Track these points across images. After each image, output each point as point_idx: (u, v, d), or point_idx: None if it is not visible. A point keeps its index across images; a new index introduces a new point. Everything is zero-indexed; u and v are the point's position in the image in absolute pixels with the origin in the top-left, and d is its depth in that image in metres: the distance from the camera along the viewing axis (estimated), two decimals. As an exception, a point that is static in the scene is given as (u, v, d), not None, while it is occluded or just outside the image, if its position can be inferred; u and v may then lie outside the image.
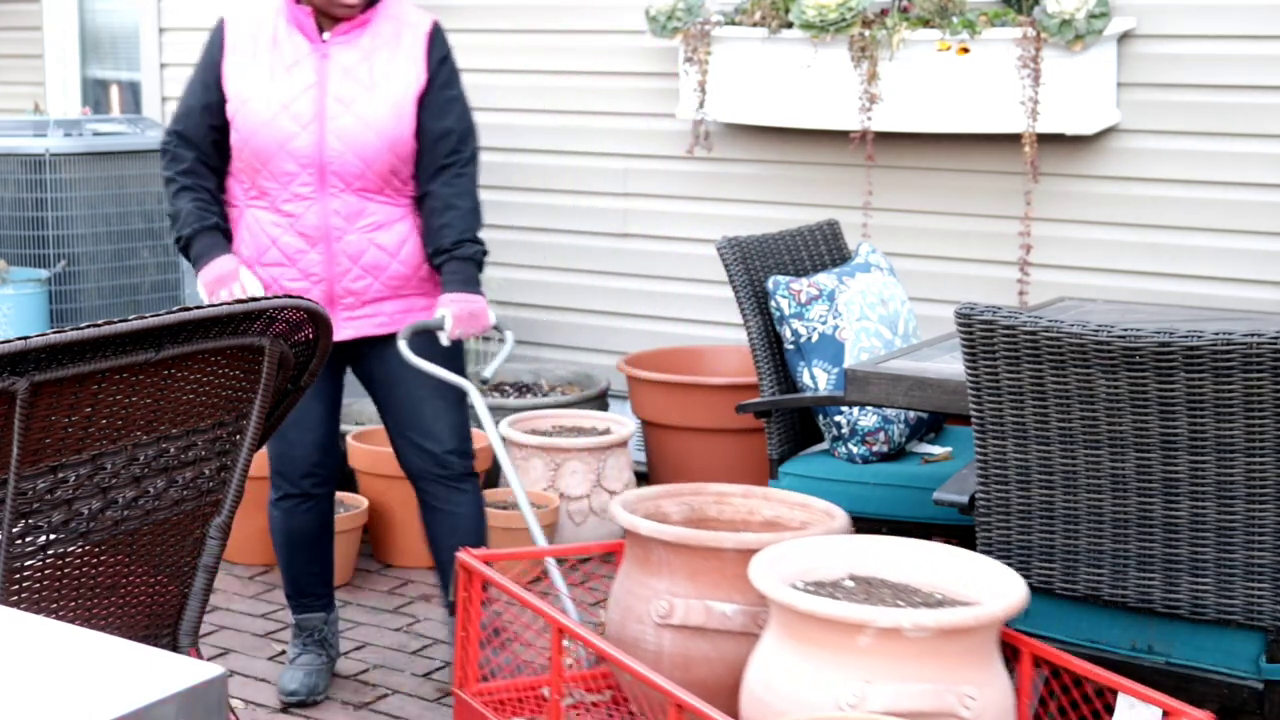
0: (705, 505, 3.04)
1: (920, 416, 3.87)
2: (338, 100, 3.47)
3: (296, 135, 3.46)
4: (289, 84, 3.48)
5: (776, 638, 2.41)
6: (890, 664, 2.28)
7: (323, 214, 3.49)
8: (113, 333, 2.11)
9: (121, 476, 2.29)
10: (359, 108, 3.47)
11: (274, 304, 2.35)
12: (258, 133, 3.48)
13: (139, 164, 5.92)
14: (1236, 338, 2.51)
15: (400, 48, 3.51)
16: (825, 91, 4.88)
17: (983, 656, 2.36)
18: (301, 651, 3.77)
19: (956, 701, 2.29)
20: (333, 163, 3.47)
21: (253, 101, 3.49)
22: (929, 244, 5.01)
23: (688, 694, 2.30)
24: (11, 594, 2.21)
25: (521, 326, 5.81)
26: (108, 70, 7.43)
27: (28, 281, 5.60)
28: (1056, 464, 2.71)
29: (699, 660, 2.63)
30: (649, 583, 2.69)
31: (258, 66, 3.51)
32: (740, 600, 2.62)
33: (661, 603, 2.66)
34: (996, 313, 2.70)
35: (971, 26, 4.66)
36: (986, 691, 2.34)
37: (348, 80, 3.48)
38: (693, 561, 2.64)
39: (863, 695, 2.26)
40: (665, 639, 2.65)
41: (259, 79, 3.50)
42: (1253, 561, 2.59)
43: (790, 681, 2.34)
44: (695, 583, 2.65)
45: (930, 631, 2.27)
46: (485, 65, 5.84)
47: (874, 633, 2.26)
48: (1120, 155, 4.70)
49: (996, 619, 2.35)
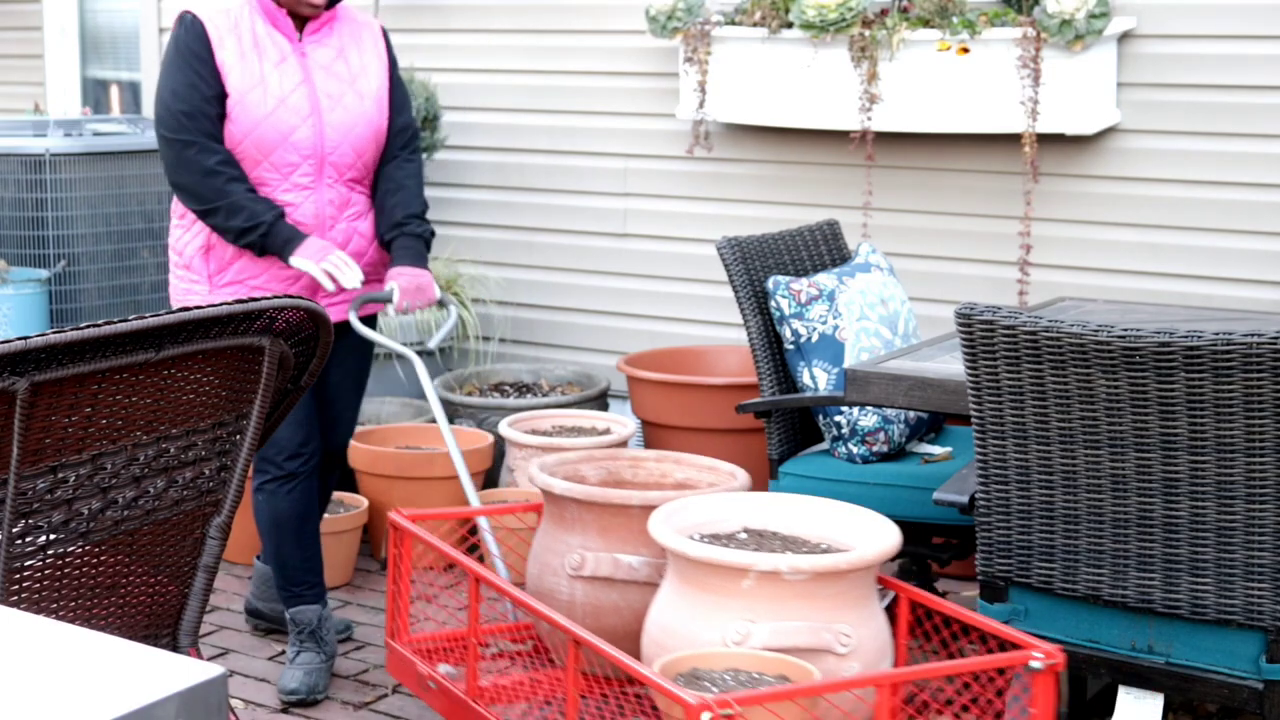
0: (621, 469, 3.24)
1: (920, 416, 3.87)
2: (327, 95, 3.65)
3: (298, 128, 3.60)
4: (281, 80, 3.61)
5: (672, 584, 2.61)
6: (771, 605, 2.49)
7: (319, 203, 3.66)
8: (113, 333, 2.11)
9: (121, 476, 2.29)
10: (347, 102, 3.66)
11: (274, 304, 2.36)
12: (260, 125, 3.58)
13: (139, 164, 5.91)
14: (1236, 338, 2.51)
15: (364, 46, 3.74)
16: (825, 91, 4.88)
17: (857, 598, 2.55)
18: (300, 650, 3.78)
19: (833, 639, 2.49)
20: (331, 154, 3.65)
21: (252, 94, 3.58)
22: (929, 244, 5.01)
23: (584, 631, 2.51)
24: (11, 594, 2.21)
25: (521, 326, 5.81)
26: (108, 70, 7.43)
27: (28, 281, 5.60)
28: (1056, 464, 2.71)
29: (608, 609, 2.83)
30: (564, 538, 2.90)
31: (249, 62, 3.60)
32: (646, 553, 2.83)
33: (574, 556, 2.87)
34: (996, 313, 2.70)
35: (971, 26, 4.66)
36: (861, 630, 2.53)
37: (329, 77, 3.66)
38: (603, 518, 2.86)
39: (747, 633, 2.48)
40: (578, 590, 2.86)
41: (255, 74, 3.59)
42: (1253, 561, 2.59)
43: (684, 622, 2.55)
44: (605, 538, 2.86)
45: (807, 574, 2.48)
46: (485, 65, 5.84)
47: (756, 576, 2.48)
48: (1120, 155, 4.70)
49: (868, 563, 2.54)
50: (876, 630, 2.59)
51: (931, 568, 3.82)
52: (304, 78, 3.63)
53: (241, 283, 3.67)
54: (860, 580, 2.55)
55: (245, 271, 3.66)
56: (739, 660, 2.45)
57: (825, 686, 2.36)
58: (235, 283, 3.68)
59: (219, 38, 3.59)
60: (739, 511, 2.84)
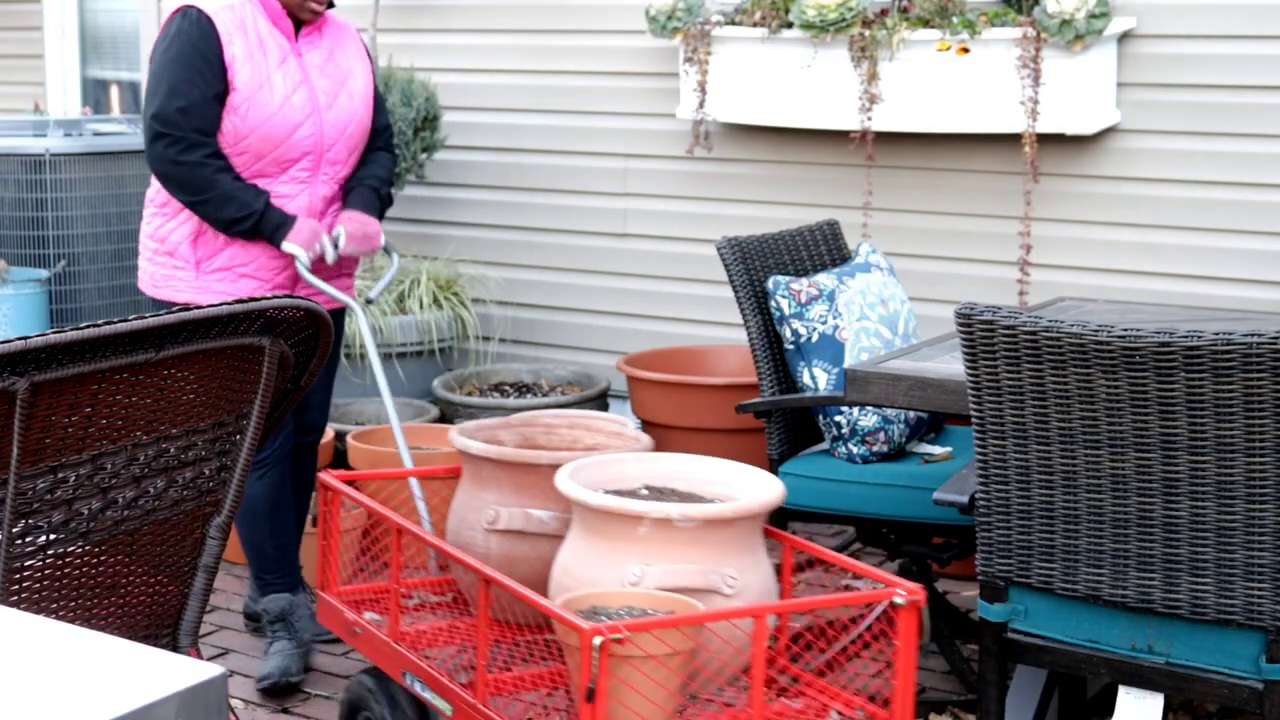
0: (535, 435, 3.42)
1: (920, 416, 3.87)
2: (324, 94, 3.75)
3: (301, 125, 3.69)
4: (284, 79, 3.69)
5: (576, 532, 2.85)
6: (664, 549, 2.73)
7: (311, 198, 3.77)
8: (113, 333, 2.11)
9: (121, 476, 2.29)
10: (341, 102, 3.78)
11: (274, 304, 2.36)
12: (266, 122, 3.65)
13: (139, 164, 5.91)
14: (1236, 338, 2.51)
15: (349, 49, 3.85)
16: (825, 91, 4.88)
17: (744, 545, 2.78)
18: (273, 640, 3.84)
19: (720, 581, 2.73)
20: (328, 151, 3.76)
21: (261, 92, 3.65)
22: (929, 244, 5.02)
23: (494, 570, 2.75)
24: (11, 594, 2.21)
25: (521, 326, 5.81)
26: (108, 70, 7.43)
27: (28, 281, 5.60)
28: (1056, 464, 2.71)
29: (520, 560, 3.03)
30: (480, 495, 3.10)
31: (256, 60, 3.66)
32: (554, 509, 3.04)
33: (490, 512, 3.06)
34: (996, 313, 2.70)
35: (971, 26, 4.66)
36: (747, 575, 2.76)
37: (323, 77, 3.76)
38: (516, 476, 3.06)
39: (642, 574, 2.71)
40: (493, 543, 3.06)
41: (262, 72, 3.66)
42: (1253, 561, 2.59)
43: (586, 567, 2.79)
44: (518, 494, 3.07)
45: (697, 522, 2.72)
46: (485, 65, 5.84)
47: (651, 523, 2.72)
48: (1120, 155, 4.70)
49: (753, 512, 2.78)
50: (762, 575, 2.81)
51: (931, 568, 3.82)
52: (303, 78, 3.71)
53: (230, 269, 3.72)
54: (746, 529, 2.79)
55: (235, 259, 3.72)
56: (634, 599, 2.70)
57: (706, 616, 2.59)
58: (224, 269, 3.72)
59: (228, 34, 3.63)
60: (641, 470, 3.07)
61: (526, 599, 2.64)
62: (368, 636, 3.12)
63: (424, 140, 5.69)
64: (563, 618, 2.51)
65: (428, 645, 3.06)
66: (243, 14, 3.67)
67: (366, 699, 3.16)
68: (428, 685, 2.90)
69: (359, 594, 3.29)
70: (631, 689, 2.48)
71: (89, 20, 7.41)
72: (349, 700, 3.22)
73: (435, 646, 3.07)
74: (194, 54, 3.60)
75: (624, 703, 2.48)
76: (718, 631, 2.64)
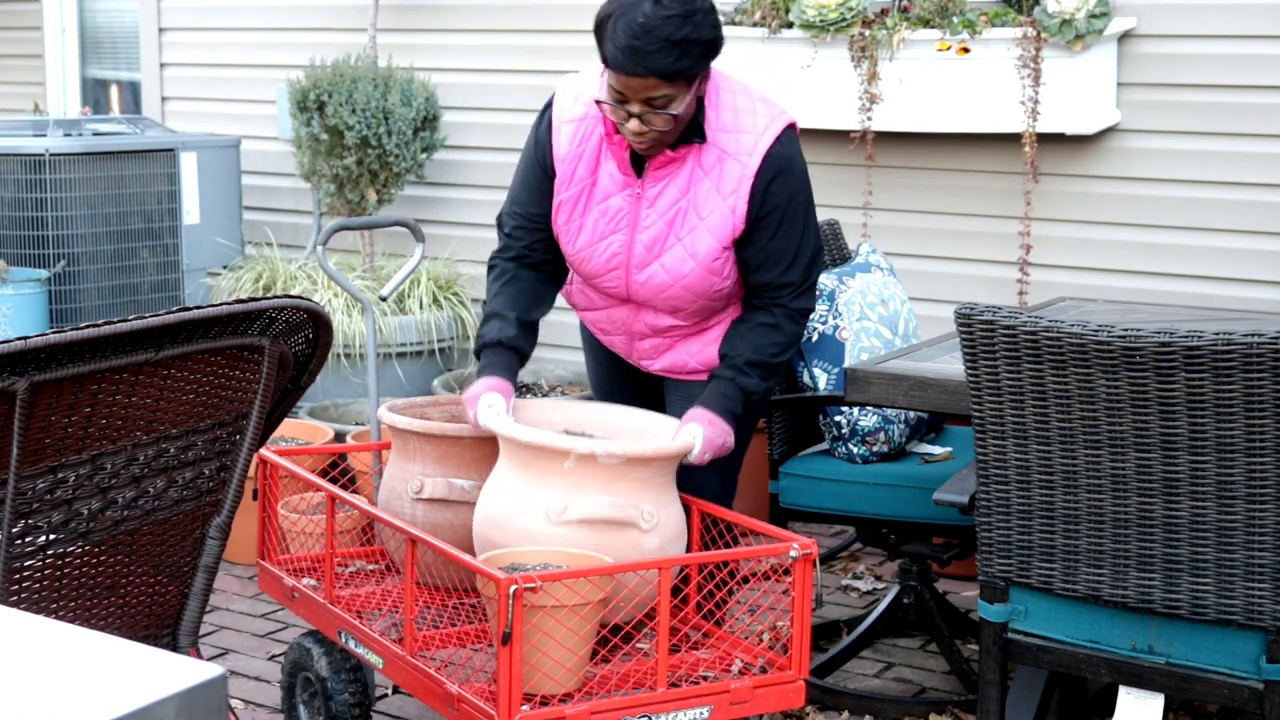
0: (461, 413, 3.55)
1: (920, 416, 3.87)
2: (642, 245, 3.28)
3: (606, 275, 3.35)
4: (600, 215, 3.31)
5: (502, 467, 3.03)
6: (588, 483, 2.92)
7: (629, 317, 3.41)
8: (113, 333, 2.11)
9: (121, 476, 2.29)
10: (666, 258, 3.27)
11: (274, 304, 2.36)
12: (576, 254, 3.35)
13: (139, 164, 5.91)
14: (1236, 338, 2.51)
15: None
16: (825, 91, 4.87)
17: (660, 485, 2.99)
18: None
19: (638, 515, 2.93)
20: (643, 304, 3.37)
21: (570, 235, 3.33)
22: (929, 244, 5.01)
23: (418, 530, 2.94)
24: (11, 594, 2.21)
25: (521, 326, 5.80)
26: (108, 70, 7.43)
27: (28, 281, 5.60)
28: (1056, 464, 2.71)
29: (444, 527, 3.20)
30: (407, 467, 3.29)
31: (574, 190, 3.33)
32: (476, 478, 3.22)
33: (415, 482, 3.25)
34: (996, 313, 2.70)
35: (971, 26, 4.65)
36: (662, 512, 2.98)
37: (659, 220, 3.27)
38: (439, 448, 3.25)
39: (566, 506, 2.90)
40: (419, 510, 3.25)
41: (577, 210, 3.32)
42: (1253, 561, 2.59)
43: (512, 500, 2.96)
44: (441, 465, 3.26)
45: (619, 459, 2.91)
46: (485, 65, 5.84)
47: (576, 458, 2.91)
48: (1120, 155, 4.70)
49: (670, 454, 3.00)
50: (675, 514, 3.03)
51: (932, 568, 3.82)
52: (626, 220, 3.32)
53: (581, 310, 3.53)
54: (662, 469, 3.00)
55: (587, 312, 3.53)
56: (549, 556, 2.88)
57: (614, 568, 2.78)
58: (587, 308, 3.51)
59: (560, 150, 3.42)
60: (562, 416, 3.33)
61: (450, 555, 2.82)
62: (305, 600, 3.33)
63: (424, 140, 5.69)
64: (482, 570, 2.72)
65: (361, 608, 3.27)
66: (588, 115, 3.36)
67: (306, 658, 3.38)
68: (361, 641, 3.11)
69: (297, 562, 3.50)
70: (545, 634, 2.68)
71: (89, 20, 7.40)
72: (291, 661, 3.44)
73: (368, 609, 3.28)
74: (531, 163, 3.43)
75: (539, 647, 2.67)
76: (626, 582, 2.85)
